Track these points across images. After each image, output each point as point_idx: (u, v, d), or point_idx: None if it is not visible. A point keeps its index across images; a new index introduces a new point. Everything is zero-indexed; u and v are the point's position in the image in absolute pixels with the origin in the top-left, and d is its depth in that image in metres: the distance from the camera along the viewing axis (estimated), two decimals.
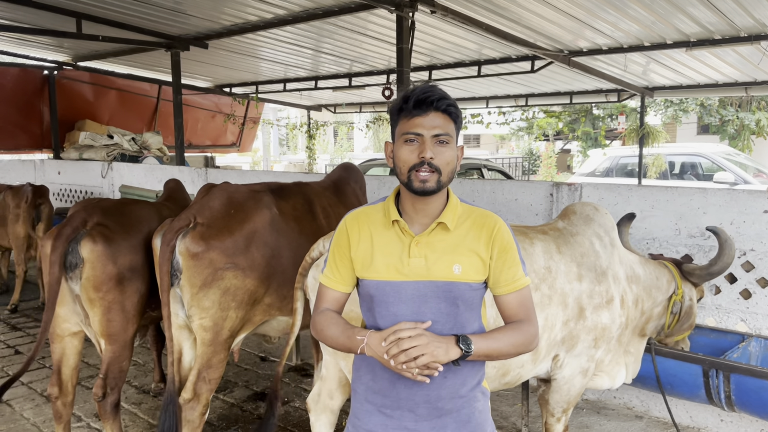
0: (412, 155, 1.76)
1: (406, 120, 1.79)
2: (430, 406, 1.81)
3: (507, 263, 1.83)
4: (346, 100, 14.83)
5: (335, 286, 1.91)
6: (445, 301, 1.79)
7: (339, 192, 4.10)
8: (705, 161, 12.19)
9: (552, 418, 3.20)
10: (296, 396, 4.46)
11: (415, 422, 1.82)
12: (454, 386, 1.82)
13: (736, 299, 3.86)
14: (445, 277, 1.78)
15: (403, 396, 1.82)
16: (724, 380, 3.18)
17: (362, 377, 1.91)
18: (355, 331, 1.78)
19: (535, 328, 1.84)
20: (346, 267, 1.89)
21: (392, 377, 1.81)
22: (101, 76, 11.19)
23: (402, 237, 1.83)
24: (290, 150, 33.57)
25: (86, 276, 3.19)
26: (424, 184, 1.75)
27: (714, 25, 7.43)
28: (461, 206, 1.88)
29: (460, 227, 1.84)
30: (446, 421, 1.83)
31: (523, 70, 9.91)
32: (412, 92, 1.79)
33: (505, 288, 1.84)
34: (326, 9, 6.92)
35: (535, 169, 25.68)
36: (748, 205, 3.76)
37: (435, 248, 1.80)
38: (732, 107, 17.98)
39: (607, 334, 3.05)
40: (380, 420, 1.86)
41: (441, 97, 1.77)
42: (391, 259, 1.81)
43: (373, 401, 1.87)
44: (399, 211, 1.86)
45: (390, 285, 1.81)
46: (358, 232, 1.88)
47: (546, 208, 4.56)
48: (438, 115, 1.76)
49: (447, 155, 1.77)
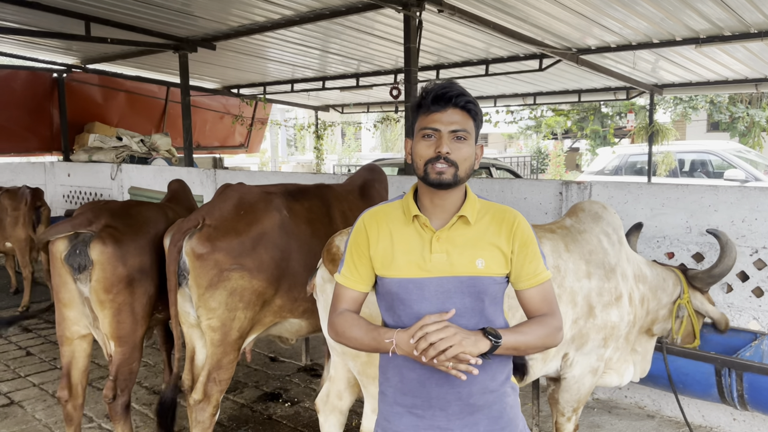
0: (428, 150, 1.76)
1: (424, 116, 1.79)
2: (461, 403, 1.79)
3: (528, 257, 1.81)
4: (353, 101, 14.83)
5: (354, 286, 1.88)
6: (469, 296, 1.77)
7: (364, 195, 4.03)
8: (715, 159, 12.11)
9: (562, 417, 3.18)
10: (306, 396, 4.46)
11: (447, 421, 1.80)
12: (483, 381, 1.79)
13: (748, 297, 3.83)
14: (469, 272, 1.77)
15: (433, 395, 1.79)
16: (737, 379, 3.15)
17: (390, 379, 1.88)
18: (380, 332, 1.75)
19: (560, 321, 1.82)
20: (364, 266, 1.86)
21: (421, 377, 1.79)
22: (110, 79, 11.25)
23: (422, 233, 1.81)
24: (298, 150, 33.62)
25: (96, 278, 3.19)
26: (441, 176, 1.74)
27: (723, 22, 7.37)
28: (479, 202, 1.87)
29: (480, 222, 1.82)
30: (478, 418, 1.81)
31: (532, 69, 9.88)
32: (431, 88, 1.79)
33: (527, 282, 1.82)
34: (333, 9, 6.92)
35: (543, 167, 25.58)
36: (760, 202, 3.72)
37: (456, 243, 1.79)
38: (742, 104, 17.86)
39: (616, 332, 3.03)
40: (411, 421, 1.83)
41: (460, 94, 1.76)
42: (413, 256, 1.79)
43: (403, 403, 1.85)
44: (418, 207, 1.85)
45: (413, 282, 1.79)
46: (377, 230, 1.86)
47: (555, 207, 4.54)
48: (456, 112, 1.76)
49: (464, 151, 1.76)
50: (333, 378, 3.09)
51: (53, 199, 10.16)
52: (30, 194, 6.50)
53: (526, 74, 10.35)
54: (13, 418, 4.11)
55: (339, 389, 3.09)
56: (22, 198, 6.46)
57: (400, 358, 1.81)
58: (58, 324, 3.37)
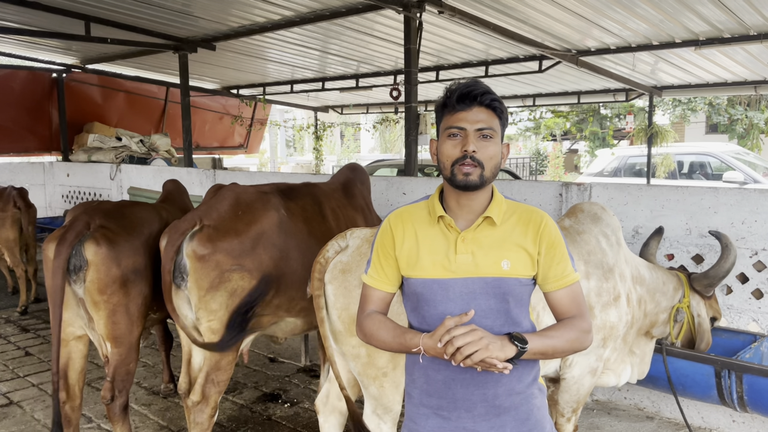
0: (455, 149, 1.75)
1: (450, 115, 1.77)
2: (487, 404, 1.78)
3: (556, 259, 1.79)
4: (353, 101, 14.85)
5: (381, 286, 1.88)
6: (494, 297, 1.76)
7: (347, 193, 4.08)
8: (714, 161, 12.12)
9: (562, 418, 3.18)
10: (305, 397, 4.45)
11: (473, 422, 1.79)
12: (510, 383, 1.78)
13: (747, 299, 3.83)
14: (494, 273, 1.76)
15: (459, 396, 1.79)
16: (736, 381, 3.15)
17: (416, 381, 1.87)
18: (407, 337, 1.74)
19: (589, 324, 1.79)
20: (391, 266, 1.86)
21: (447, 378, 1.79)
22: (109, 79, 11.25)
23: (447, 234, 1.81)
24: (297, 151, 33.64)
25: (90, 279, 3.17)
26: (467, 177, 1.73)
27: (723, 24, 7.39)
28: (506, 202, 1.85)
29: (506, 222, 1.81)
30: (505, 420, 1.80)
31: (531, 70, 9.90)
32: (455, 87, 1.78)
33: (555, 284, 1.80)
34: (333, 10, 6.93)
35: (542, 169, 25.60)
36: (760, 204, 3.72)
37: (482, 244, 1.78)
38: (741, 106, 17.89)
39: (615, 332, 3.04)
40: (437, 423, 1.82)
41: (485, 92, 1.75)
42: (438, 257, 1.79)
43: (429, 404, 1.84)
44: (443, 208, 1.84)
45: (437, 283, 1.78)
46: (403, 230, 1.85)
47: (555, 208, 4.54)
48: (482, 110, 1.74)
49: (491, 150, 1.75)
50: (332, 379, 3.09)
51: (52, 199, 10.16)
52: (17, 194, 6.48)
53: (525, 75, 10.37)
54: (12, 419, 4.10)
55: (339, 390, 3.08)
56: (9, 199, 6.43)
57: (426, 359, 1.79)
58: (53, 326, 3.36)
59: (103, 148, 9.20)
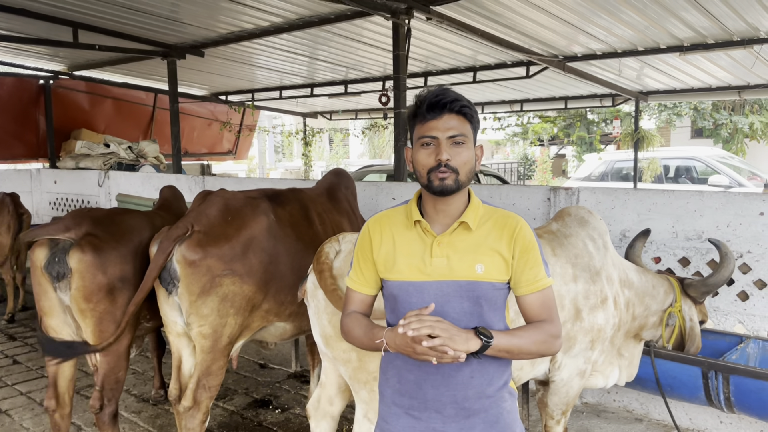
0: (429, 158, 1.77)
1: (421, 124, 1.79)
2: (457, 406, 1.80)
3: (529, 263, 1.81)
4: (341, 107, 14.88)
5: (360, 289, 1.93)
6: (468, 300, 1.78)
7: (332, 198, 4.11)
8: (699, 165, 12.26)
9: (552, 420, 3.21)
10: (296, 403, 4.45)
11: (443, 423, 1.81)
12: (480, 386, 1.81)
13: (733, 301, 3.88)
14: (468, 277, 1.78)
15: (430, 397, 1.81)
16: (723, 382, 3.18)
17: (389, 380, 1.90)
18: (374, 331, 1.78)
19: (558, 329, 1.82)
20: (369, 269, 1.90)
21: (418, 378, 1.81)
22: (97, 85, 11.22)
23: (424, 237, 1.83)
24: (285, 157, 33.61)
25: (75, 286, 3.15)
26: (443, 183, 1.75)
27: (707, 30, 7.50)
28: (483, 207, 1.88)
29: (482, 227, 1.83)
30: (474, 422, 1.81)
31: (519, 76, 9.99)
32: (424, 96, 1.79)
33: (526, 288, 1.82)
34: (322, 17, 6.96)
35: (530, 174, 25.75)
36: (744, 207, 3.78)
37: (457, 248, 1.80)
38: (725, 111, 18.12)
39: (603, 334, 3.07)
40: (408, 422, 1.85)
41: (454, 99, 1.77)
42: (414, 260, 1.82)
43: (401, 404, 1.87)
44: (421, 212, 1.87)
45: (413, 285, 1.81)
46: (380, 234, 1.89)
47: (543, 213, 4.58)
48: (452, 117, 1.76)
49: (464, 155, 1.77)
50: (324, 383, 3.10)
51: (39, 207, 10.08)
52: (11, 201, 6.44)
53: (513, 81, 10.47)
54: (0, 427, 4.07)
55: (330, 395, 3.08)
56: (4, 205, 6.39)
57: (399, 360, 1.83)
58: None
59: (91, 154, 9.15)
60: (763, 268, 3.73)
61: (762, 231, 3.72)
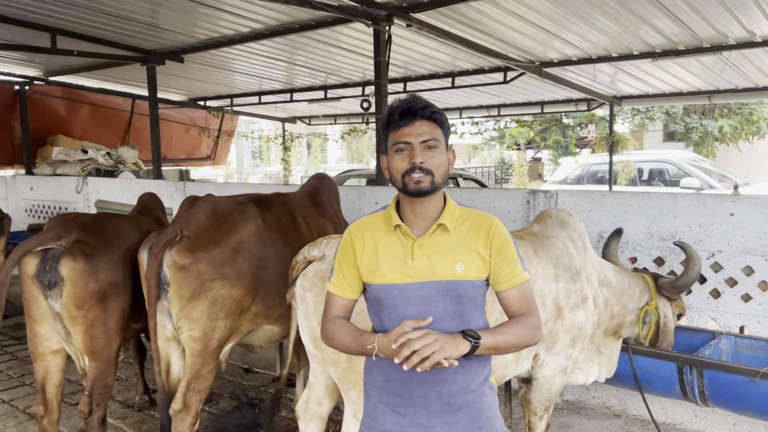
0: (404, 162, 1.85)
1: (395, 131, 1.88)
2: (442, 402, 1.87)
3: (506, 260, 1.90)
4: (321, 112, 14.92)
5: (343, 294, 1.97)
6: (450, 299, 1.86)
7: (316, 202, 4.17)
8: (672, 167, 12.55)
9: (535, 416, 3.30)
10: (282, 406, 4.47)
11: (428, 419, 1.88)
12: (464, 381, 1.88)
13: (706, 299, 4.02)
14: (449, 276, 1.85)
15: (416, 394, 1.88)
16: (697, 376, 3.31)
17: (375, 379, 1.96)
18: (364, 337, 1.82)
19: (538, 320, 1.90)
20: (352, 274, 1.95)
21: (404, 376, 1.87)
22: (73, 91, 11.11)
23: (404, 241, 1.91)
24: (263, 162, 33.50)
25: (67, 294, 3.16)
26: (419, 185, 1.83)
27: (678, 37, 7.71)
28: (459, 209, 1.96)
29: (459, 228, 1.91)
30: (458, 417, 1.89)
31: (496, 81, 10.13)
32: (396, 105, 1.88)
33: (505, 284, 1.90)
34: (303, 23, 7.02)
35: (507, 177, 26.03)
36: (716, 208, 3.93)
37: (436, 249, 1.88)
38: (696, 115, 18.50)
39: (583, 332, 3.18)
40: (394, 419, 1.91)
41: (425, 106, 1.86)
42: (396, 263, 1.88)
43: (387, 401, 1.93)
44: (400, 217, 1.94)
45: (396, 287, 1.88)
46: (362, 240, 1.95)
47: (523, 215, 4.69)
48: (424, 123, 1.85)
49: (437, 159, 1.86)
50: (313, 385, 3.15)
51: (15, 214, 9.92)
52: None
53: (490, 86, 10.60)
54: None
55: (318, 396, 3.14)
56: None
57: (384, 359, 1.88)
58: (30, 340, 3.33)
59: (69, 161, 9.07)
60: (733, 267, 3.88)
61: (732, 231, 3.87)
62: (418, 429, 1.89)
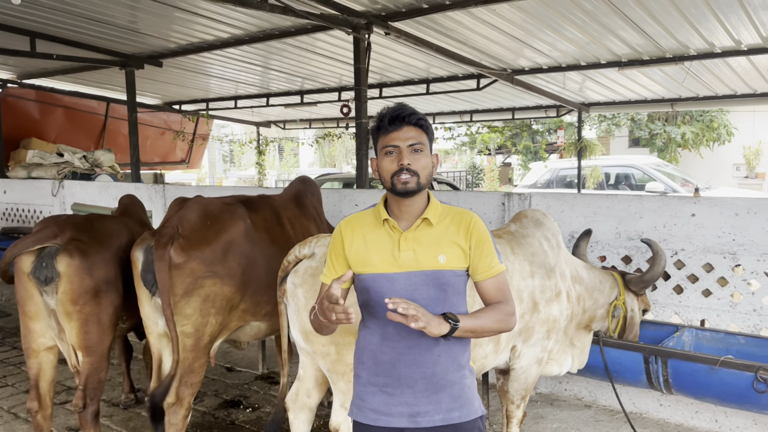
0: (392, 164, 2.04)
1: (384, 136, 2.07)
2: (427, 382, 2.06)
3: (484, 252, 2.10)
4: (296, 116, 15.02)
5: None
6: (434, 287, 2.05)
7: (300, 204, 4.31)
8: (637, 172, 12.97)
9: (512, 405, 3.49)
10: (266, 402, 4.61)
11: (414, 398, 2.06)
12: (446, 364, 2.07)
13: (670, 294, 4.27)
14: (433, 266, 2.05)
15: (403, 375, 2.06)
16: (662, 365, 3.55)
17: (365, 363, 2.14)
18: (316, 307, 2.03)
19: (513, 307, 2.11)
20: (342, 266, 2.14)
21: (392, 359, 2.06)
22: (47, 94, 11.01)
23: (392, 234, 2.09)
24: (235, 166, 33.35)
25: (63, 290, 3.27)
26: (406, 185, 2.02)
27: (642, 47, 8.05)
28: (441, 206, 2.16)
29: (442, 223, 2.11)
30: (441, 396, 2.07)
31: (469, 88, 10.38)
32: (386, 112, 2.07)
33: (483, 274, 2.10)
34: (283, 30, 7.14)
35: (478, 182, 26.38)
36: (678, 209, 4.19)
37: (421, 242, 2.07)
38: (660, 122, 19.05)
39: (557, 325, 3.38)
40: (383, 399, 2.09)
41: (412, 113, 2.06)
42: (384, 254, 2.07)
43: (376, 383, 2.10)
44: (388, 213, 2.13)
45: (385, 277, 2.06)
46: (351, 234, 2.13)
47: (499, 217, 4.90)
48: (411, 128, 2.05)
49: (423, 161, 2.05)
50: (302, 377, 3.29)
51: None
52: None
53: (464, 93, 10.85)
54: None
55: (308, 387, 3.28)
56: None
57: (374, 344, 2.08)
58: (24, 337, 3.42)
59: (44, 164, 9.00)
60: (695, 264, 4.14)
61: (694, 231, 4.13)
62: (404, 407, 2.07)
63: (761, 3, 6.28)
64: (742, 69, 9.21)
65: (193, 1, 6.33)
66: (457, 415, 2.08)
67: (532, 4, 6.22)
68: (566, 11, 6.58)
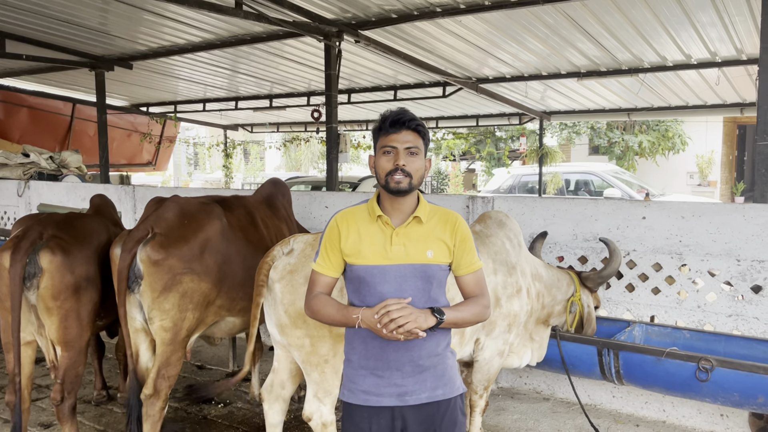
0: (388, 163, 2.23)
1: (384, 136, 2.26)
2: (413, 364, 2.25)
3: (466, 250, 2.31)
4: (264, 120, 15.07)
5: (327, 272, 2.33)
6: (421, 279, 2.25)
7: (271, 205, 4.46)
8: (596, 179, 13.42)
9: (476, 395, 3.70)
10: (237, 398, 4.72)
11: (402, 379, 2.26)
12: (430, 347, 2.27)
13: (622, 292, 4.55)
14: (421, 260, 2.25)
15: (391, 358, 2.25)
16: (614, 357, 3.79)
17: (356, 348, 2.33)
18: (349, 310, 2.21)
19: (488, 300, 2.33)
20: (336, 256, 2.31)
21: (382, 344, 2.24)
22: (12, 94, 10.86)
23: (384, 229, 2.28)
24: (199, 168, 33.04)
25: (44, 285, 3.36)
26: (399, 185, 2.22)
27: (600, 59, 8.42)
28: (429, 206, 2.36)
29: (430, 221, 2.31)
30: (426, 376, 2.28)
31: (436, 95, 10.63)
32: (388, 115, 2.27)
33: (465, 270, 2.32)
34: (255, 35, 7.27)
35: (443, 187, 26.70)
36: (630, 212, 4.47)
37: (411, 238, 2.27)
38: (618, 130, 19.59)
39: (518, 319, 3.61)
40: (373, 381, 2.28)
41: (412, 119, 2.26)
42: (377, 247, 2.26)
43: (367, 366, 2.29)
44: (381, 209, 2.31)
45: (377, 268, 2.25)
46: (347, 227, 2.31)
47: (463, 218, 5.10)
48: (409, 133, 2.24)
49: (417, 164, 2.25)
50: (276, 369, 3.44)
51: None
52: None
53: (430, 100, 11.10)
54: None
55: (282, 379, 3.43)
56: None
57: (365, 330, 2.26)
58: (4, 331, 3.49)
59: (9, 164, 8.89)
60: (645, 264, 4.42)
61: (644, 232, 4.41)
62: (393, 388, 2.26)
63: (709, 21, 6.68)
64: (692, 81, 9.68)
65: (164, 5, 6.40)
66: (441, 392, 2.29)
67: (496, 16, 6.48)
68: (528, 24, 6.86)
